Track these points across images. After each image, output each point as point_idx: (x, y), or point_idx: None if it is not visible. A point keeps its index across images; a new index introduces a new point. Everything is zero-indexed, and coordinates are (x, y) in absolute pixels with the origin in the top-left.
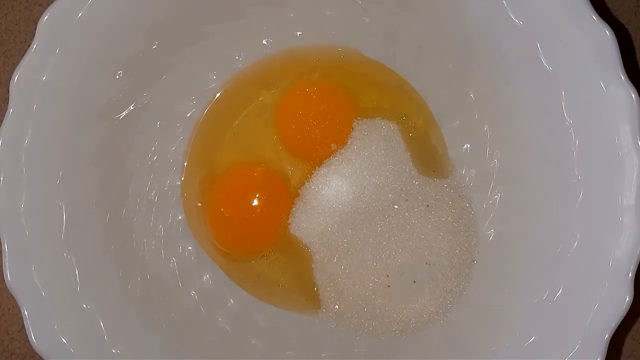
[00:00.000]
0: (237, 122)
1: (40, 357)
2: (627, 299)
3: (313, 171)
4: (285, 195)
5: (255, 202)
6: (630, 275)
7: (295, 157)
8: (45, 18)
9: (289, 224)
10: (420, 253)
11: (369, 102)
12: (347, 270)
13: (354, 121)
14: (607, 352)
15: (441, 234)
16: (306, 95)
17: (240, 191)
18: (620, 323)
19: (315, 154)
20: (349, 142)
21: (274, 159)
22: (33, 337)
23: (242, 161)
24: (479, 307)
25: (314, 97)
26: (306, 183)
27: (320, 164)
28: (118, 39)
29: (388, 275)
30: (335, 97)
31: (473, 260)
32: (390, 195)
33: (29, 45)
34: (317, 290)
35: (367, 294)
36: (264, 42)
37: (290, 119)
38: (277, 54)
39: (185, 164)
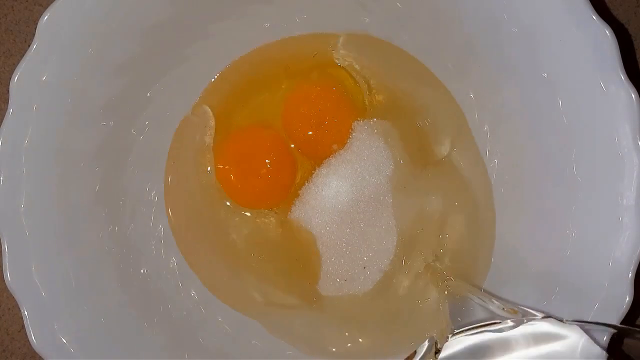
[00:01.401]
0: (237, 122)
1: (40, 357)
2: (627, 299)
3: (313, 171)
4: (291, 157)
5: (267, 159)
6: (630, 275)
7: (302, 155)
8: (45, 18)
9: (290, 221)
10: (421, 252)
11: (369, 103)
12: (346, 269)
13: (353, 122)
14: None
15: (442, 233)
16: (311, 96)
17: (255, 147)
18: (620, 323)
19: (317, 154)
20: (348, 143)
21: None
22: (33, 337)
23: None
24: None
25: (319, 98)
26: (306, 183)
27: (320, 164)
28: (118, 38)
29: (389, 274)
30: (337, 97)
31: (475, 261)
32: (389, 195)
33: (29, 45)
34: (317, 289)
35: (367, 292)
36: (264, 41)
37: (297, 118)
38: (276, 54)
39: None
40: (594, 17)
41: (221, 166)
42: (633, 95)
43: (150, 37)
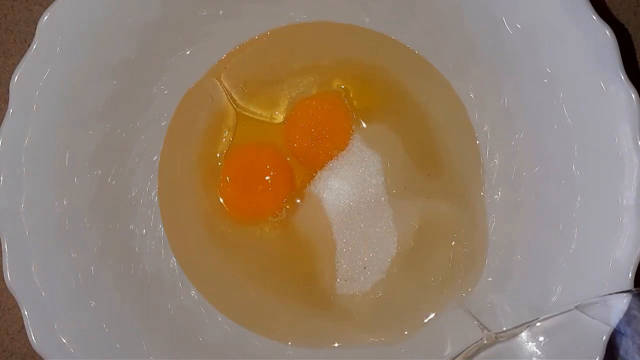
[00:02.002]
0: (236, 124)
1: (40, 357)
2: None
3: (314, 175)
4: (287, 167)
5: (265, 173)
6: (630, 275)
7: (303, 166)
8: (45, 18)
9: (292, 224)
10: (420, 251)
11: (368, 104)
12: (346, 269)
13: (354, 125)
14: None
15: (441, 233)
16: (309, 111)
17: (253, 161)
18: None
19: (319, 163)
20: (350, 145)
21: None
22: (33, 337)
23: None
24: (478, 306)
25: (317, 112)
26: (308, 186)
27: (322, 167)
28: (118, 38)
29: (389, 273)
30: (335, 106)
31: (473, 260)
32: (390, 196)
33: (29, 46)
34: (317, 289)
35: (367, 292)
36: (263, 42)
37: (297, 133)
38: (274, 54)
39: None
40: (594, 17)
41: (223, 186)
42: (633, 96)
43: (150, 37)
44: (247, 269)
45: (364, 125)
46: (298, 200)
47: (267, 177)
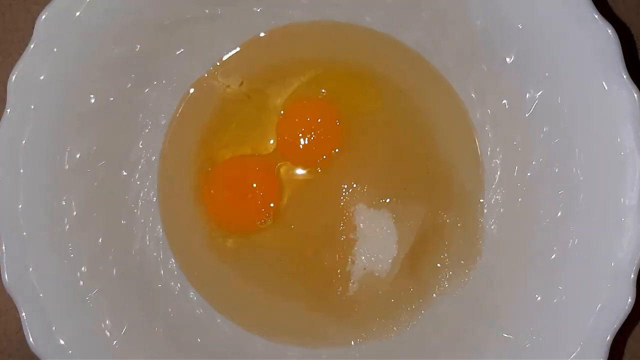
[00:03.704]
0: (235, 124)
1: (38, 358)
2: (630, 300)
3: (312, 176)
4: (273, 180)
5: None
6: (632, 276)
7: (299, 165)
8: (43, 17)
9: (289, 226)
10: (420, 251)
11: (368, 103)
12: (346, 268)
13: (353, 121)
14: (609, 353)
15: (441, 233)
16: (304, 112)
17: (238, 175)
18: (622, 324)
19: (314, 161)
20: (348, 145)
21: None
22: (31, 339)
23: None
24: (478, 307)
25: (311, 112)
26: (305, 187)
27: (321, 167)
28: (116, 37)
29: (389, 273)
30: (328, 107)
31: (472, 259)
32: (390, 197)
33: (27, 45)
34: (317, 290)
35: (368, 292)
36: (261, 42)
37: (290, 134)
38: (274, 53)
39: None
40: (596, 16)
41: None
42: (635, 95)
43: (149, 37)
44: (246, 270)
45: (363, 125)
46: (295, 202)
47: (250, 195)
